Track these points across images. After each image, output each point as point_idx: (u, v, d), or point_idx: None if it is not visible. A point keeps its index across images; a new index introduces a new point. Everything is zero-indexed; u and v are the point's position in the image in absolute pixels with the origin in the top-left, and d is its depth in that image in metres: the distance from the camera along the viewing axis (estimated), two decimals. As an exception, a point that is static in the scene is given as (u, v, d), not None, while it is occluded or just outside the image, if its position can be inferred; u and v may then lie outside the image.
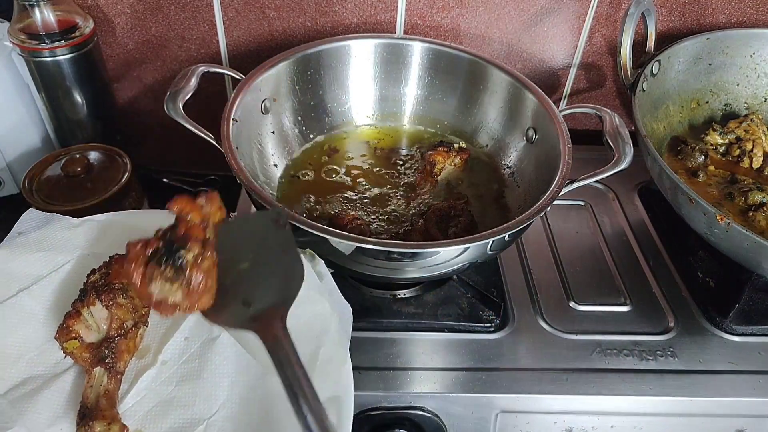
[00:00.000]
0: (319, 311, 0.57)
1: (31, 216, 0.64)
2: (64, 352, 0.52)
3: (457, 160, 0.80)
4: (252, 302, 0.47)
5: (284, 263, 0.51)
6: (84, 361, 0.52)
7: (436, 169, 0.78)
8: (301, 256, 0.57)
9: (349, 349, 0.67)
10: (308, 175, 0.80)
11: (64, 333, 0.51)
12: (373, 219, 0.74)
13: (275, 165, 0.79)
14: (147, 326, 0.57)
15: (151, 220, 0.63)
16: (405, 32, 0.90)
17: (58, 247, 0.61)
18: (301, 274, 0.50)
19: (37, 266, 0.59)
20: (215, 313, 0.49)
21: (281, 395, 0.48)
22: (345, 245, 0.56)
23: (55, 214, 0.65)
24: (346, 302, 0.61)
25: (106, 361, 0.51)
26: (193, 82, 0.68)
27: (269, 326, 0.45)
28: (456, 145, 0.81)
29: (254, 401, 0.52)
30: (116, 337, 0.52)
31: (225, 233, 0.51)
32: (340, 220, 0.69)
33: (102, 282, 0.53)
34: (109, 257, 0.56)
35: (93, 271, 0.55)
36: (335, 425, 0.48)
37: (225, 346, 0.55)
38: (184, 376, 0.54)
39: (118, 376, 0.51)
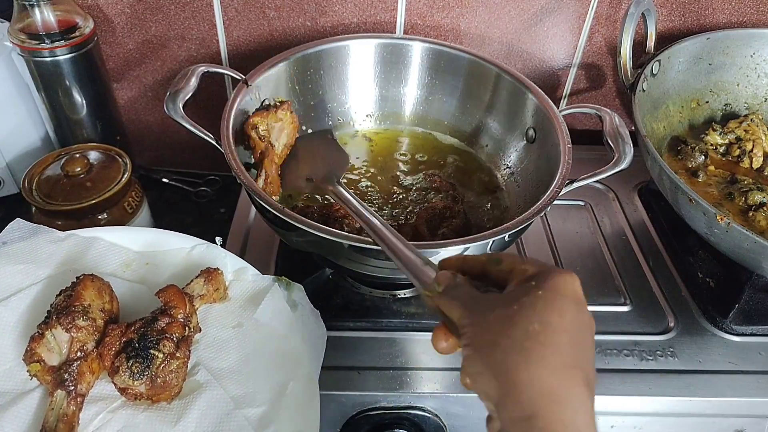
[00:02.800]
0: (290, 347, 0.58)
1: (18, 226, 0.64)
2: (29, 374, 0.52)
3: (281, 114, 0.75)
4: (312, 178, 0.72)
5: (332, 157, 0.78)
6: (47, 383, 0.52)
7: (261, 132, 0.73)
8: (276, 284, 0.62)
9: (349, 349, 0.67)
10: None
11: (28, 355, 0.51)
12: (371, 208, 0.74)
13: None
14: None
15: (137, 239, 0.66)
16: (405, 32, 0.90)
17: (41, 260, 0.61)
18: (346, 160, 0.79)
19: (17, 278, 0.59)
20: (289, 185, 0.74)
21: (247, 430, 0.51)
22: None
23: (41, 226, 0.64)
24: (322, 324, 0.62)
25: (66, 384, 0.50)
26: (193, 82, 0.67)
27: (326, 186, 0.67)
28: (272, 101, 0.77)
29: None
30: (76, 360, 0.51)
31: (299, 144, 0.78)
32: (330, 209, 0.70)
33: (64, 304, 0.53)
34: (76, 277, 0.55)
35: (60, 292, 0.55)
36: None
37: (197, 378, 0.55)
38: (152, 404, 0.53)
39: (79, 399, 0.51)
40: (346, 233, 0.57)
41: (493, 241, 0.57)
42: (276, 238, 0.78)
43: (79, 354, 0.52)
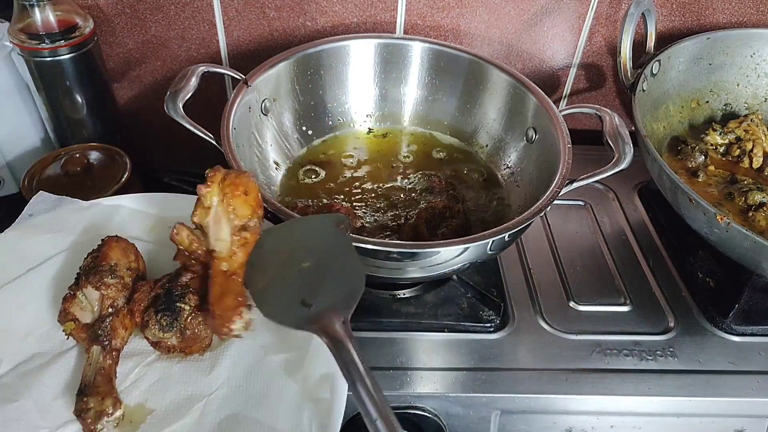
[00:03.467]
0: None
1: (42, 198, 0.66)
2: (65, 333, 0.54)
3: (208, 191, 0.55)
4: (311, 303, 0.47)
5: (345, 267, 0.50)
6: (82, 340, 0.54)
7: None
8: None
9: (349, 349, 0.67)
10: (308, 174, 0.80)
11: (62, 315, 0.54)
12: (368, 212, 0.74)
13: (275, 165, 0.79)
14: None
15: (158, 205, 0.67)
16: (405, 32, 0.90)
17: (67, 228, 0.63)
18: (362, 279, 0.49)
19: (46, 246, 0.61)
20: (272, 310, 0.48)
21: (279, 375, 0.53)
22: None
23: (65, 196, 0.66)
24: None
25: (101, 339, 0.53)
26: (193, 82, 0.67)
27: (329, 327, 0.45)
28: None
29: (253, 381, 0.54)
30: (108, 316, 0.54)
31: (287, 230, 0.52)
32: (330, 208, 0.70)
33: (92, 264, 0.55)
34: (102, 240, 0.58)
35: (88, 255, 0.57)
36: (329, 400, 0.51)
37: None
38: (185, 357, 0.55)
39: (114, 353, 0.53)
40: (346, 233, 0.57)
41: (493, 241, 0.57)
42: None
43: (110, 310, 0.54)
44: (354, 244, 0.54)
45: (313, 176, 0.80)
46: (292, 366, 0.54)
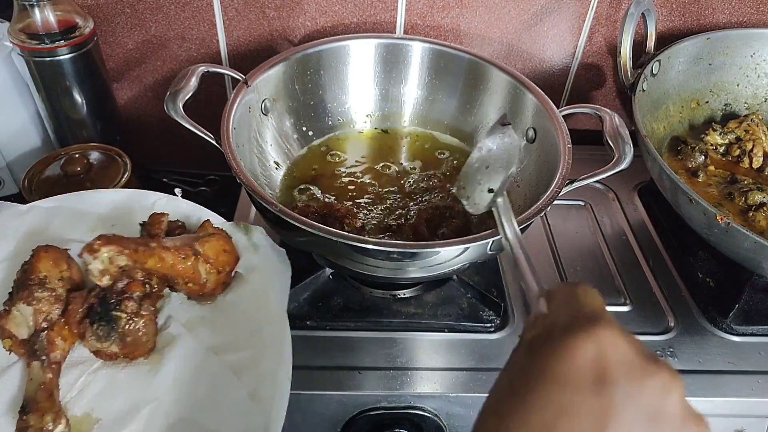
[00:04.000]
0: (255, 290, 0.60)
1: None
2: (5, 349, 0.54)
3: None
4: (494, 189, 0.57)
5: (505, 154, 0.60)
6: (22, 355, 0.54)
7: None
8: (235, 228, 0.63)
9: (349, 349, 0.67)
10: (309, 174, 0.80)
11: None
12: (368, 212, 0.74)
13: (276, 164, 0.79)
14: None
15: (100, 203, 0.66)
16: (405, 32, 0.90)
17: (6, 236, 0.62)
18: (517, 156, 0.60)
19: None
20: (470, 204, 0.58)
21: (227, 376, 0.53)
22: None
23: (4, 201, 0.65)
24: (286, 260, 0.63)
25: (38, 354, 0.52)
26: (193, 82, 0.67)
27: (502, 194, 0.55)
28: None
29: (200, 384, 0.54)
30: (42, 330, 0.53)
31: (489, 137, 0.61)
32: (331, 208, 0.70)
33: (23, 279, 0.55)
34: (32, 251, 0.56)
35: (21, 266, 0.56)
36: (269, 399, 0.51)
37: (170, 331, 0.57)
38: (130, 362, 0.55)
39: (54, 366, 0.52)
40: (346, 233, 0.57)
41: (493, 241, 0.57)
42: (276, 238, 0.78)
43: (44, 324, 0.53)
44: (354, 244, 0.55)
45: (313, 175, 0.80)
46: (241, 367, 0.54)
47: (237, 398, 0.52)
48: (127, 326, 0.53)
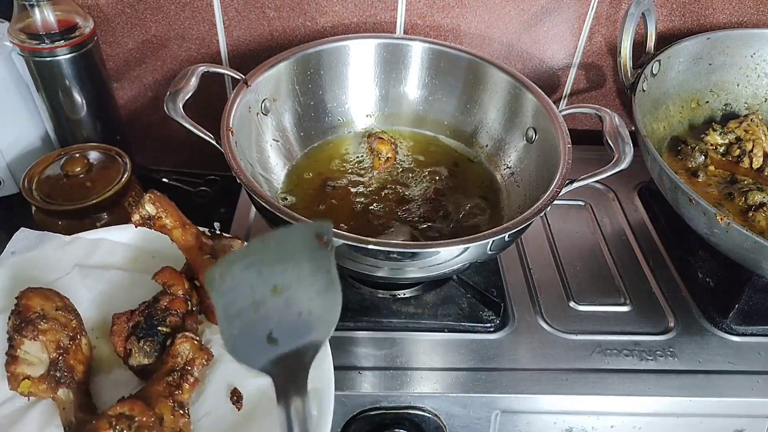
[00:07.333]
0: None
1: (23, 235, 0.66)
2: (23, 395, 0.51)
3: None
4: (278, 339, 0.39)
5: (320, 292, 0.41)
6: (45, 392, 0.51)
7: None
8: None
9: (349, 349, 0.67)
10: (309, 174, 0.80)
11: (12, 381, 0.51)
12: (366, 212, 0.74)
13: (276, 164, 0.79)
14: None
15: (140, 235, 0.66)
16: (405, 32, 0.90)
17: (51, 266, 0.63)
18: (338, 305, 0.41)
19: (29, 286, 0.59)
20: (237, 349, 0.40)
21: (266, 395, 0.53)
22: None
23: (47, 232, 0.66)
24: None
25: (62, 381, 0.51)
26: (193, 82, 0.67)
27: (291, 376, 0.38)
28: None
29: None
30: (59, 357, 0.52)
31: (259, 247, 0.42)
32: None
33: (18, 320, 0.53)
34: (16, 298, 0.55)
35: (9, 317, 0.54)
36: (315, 417, 0.50)
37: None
38: None
39: (81, 387, 0.52)
40: (346, 233, 0.57)
41: (493, 241, 0.57)
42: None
43: (59, 351, 0.52)
44: (354, 244, 0.55)
45: (313, 175, 0.80)
46: None
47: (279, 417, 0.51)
48: (172, 341, 0.52)
